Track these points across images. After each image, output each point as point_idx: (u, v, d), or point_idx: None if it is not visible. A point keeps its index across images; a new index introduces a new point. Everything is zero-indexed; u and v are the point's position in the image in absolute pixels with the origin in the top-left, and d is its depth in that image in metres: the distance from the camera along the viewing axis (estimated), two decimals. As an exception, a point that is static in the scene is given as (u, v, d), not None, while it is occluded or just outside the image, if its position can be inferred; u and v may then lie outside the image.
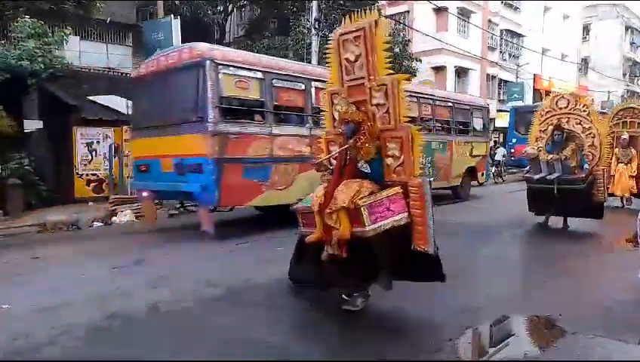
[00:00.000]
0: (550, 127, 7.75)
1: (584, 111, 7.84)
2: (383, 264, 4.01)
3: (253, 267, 5.75)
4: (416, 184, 3.80)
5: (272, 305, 4.38)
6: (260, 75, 7.58)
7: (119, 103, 12.20)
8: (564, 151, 7.43)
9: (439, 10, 24.60)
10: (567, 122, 7.79)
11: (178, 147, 7.29)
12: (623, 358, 3.36)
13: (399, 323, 3.98)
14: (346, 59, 4.15)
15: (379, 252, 3.89)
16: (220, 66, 7.08)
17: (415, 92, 10.77)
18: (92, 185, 11.97)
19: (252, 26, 21.50)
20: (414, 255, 3.86)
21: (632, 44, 41.04)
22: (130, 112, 9.50)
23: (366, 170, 4.00)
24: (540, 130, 8.05)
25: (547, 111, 8.12)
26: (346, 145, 4.04)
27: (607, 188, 9.70)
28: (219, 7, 19.97)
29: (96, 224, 9.34)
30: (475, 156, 12.93)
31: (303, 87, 8.24)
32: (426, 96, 11.24)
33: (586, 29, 39.18)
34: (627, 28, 40.06)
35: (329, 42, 4.39)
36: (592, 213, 7.69)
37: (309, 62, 15.35)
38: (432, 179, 11.20)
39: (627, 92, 39.30)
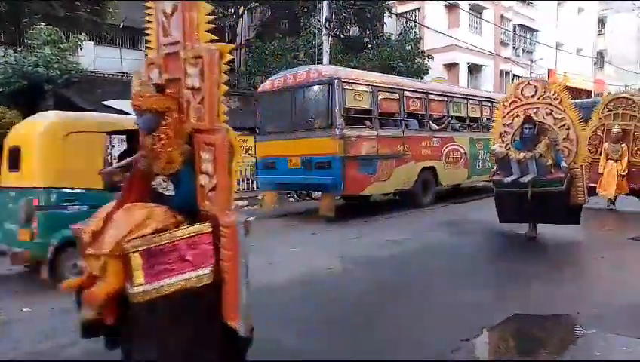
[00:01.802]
0: (516, 120, 6.76)
1: (555, 99, 6.68)
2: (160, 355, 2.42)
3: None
4: (228, 223, 2.46)
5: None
6: (369, 88, 9.31)
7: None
8: (538, 147, 6.36)
9: (451, 7, 24.42)
10: (535, 113, 6.67)
11: (307, 148, 8.86)
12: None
13: (415, 322, 3.97)
14: (163, 11, 2.77)
15: (145, 330, 2.44)
16: (344, 83, 8.77)
17: (482, 97, 12.80)
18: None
19: (263, 28, 21.57)
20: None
21: (649, 36, 40.26)
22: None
23: (167, 191, 2.61)
24: (505, 124, 6.93)
25: (512, 101, 6.93)
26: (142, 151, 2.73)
27: (595, 186, 8.84)
28: (230, 10, 20.08)
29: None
30: None
31: (398, 96, 9.91)
32: (488, 99, 12.72)
33: (602, 22, 38.52)
34: (644, 20, 39.33)
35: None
36: (569, 218, 6.60)
37: (320, 62, 15.35)
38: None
39: (645, 85, 38.56)
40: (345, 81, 8.80)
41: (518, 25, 29.23)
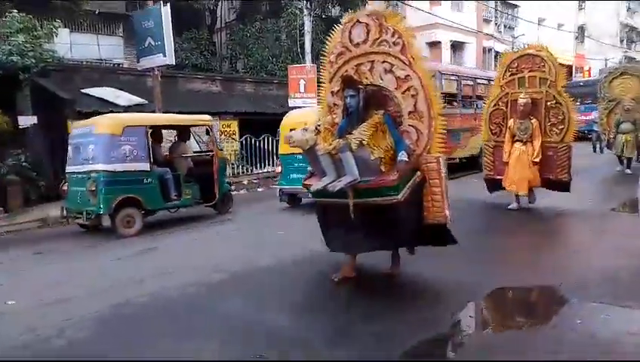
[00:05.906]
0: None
1: (396, 44, 4.02)
2: None
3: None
4: None
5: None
6: (456, 77, 12.22)
7: (113, 94, 12.09)
8: (358, 130, 3.80)
9: (432, -16, 24.23)
10: (370, 70, 4.15)
11: None
12: (627, 324, 3.35)
13: (400, 297, 4.01)
14: None
15: None
16: (443, 75, 11.54)
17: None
18: (91, 178, 11.94)
19: (243, 10, 21.21)
20: None
21: (628, 9, 40.52)
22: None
23: None
24: (333, 92, 4.38)
25: (338, 54, 4.31)
26: None
27: (501, 179, 7.01)
28: (209, -8, 19.66)
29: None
30: None
31: (472, 83, 12.81)
32: None
33: (583, -3, 38.65)
34: (623, -7, 39.57)
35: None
36: (430, 241, 4.27)
37: (302, 44, 15.20)
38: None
39: (625, 58, 38.95)
40: (444, 72, 11.61)
41: (500, 0, 29.19)
